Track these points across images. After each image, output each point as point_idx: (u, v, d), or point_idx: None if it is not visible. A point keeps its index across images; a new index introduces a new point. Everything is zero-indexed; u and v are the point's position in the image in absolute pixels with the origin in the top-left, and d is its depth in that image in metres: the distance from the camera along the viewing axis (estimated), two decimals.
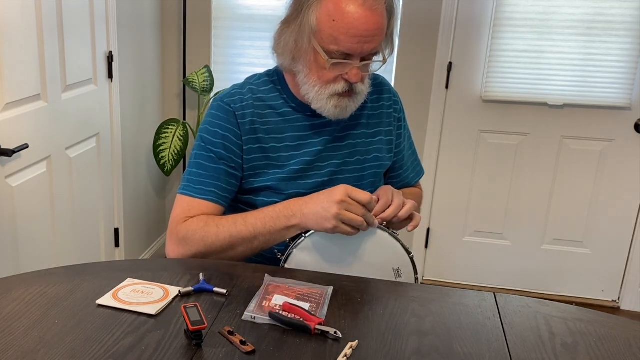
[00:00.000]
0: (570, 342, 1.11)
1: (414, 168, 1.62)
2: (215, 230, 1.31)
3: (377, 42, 1.27)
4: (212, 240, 1.31)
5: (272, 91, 1.41)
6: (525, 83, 2.92)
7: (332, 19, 1.24)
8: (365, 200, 1.24)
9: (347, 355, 1.02)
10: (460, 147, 3.07)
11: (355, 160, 1.44)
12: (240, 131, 1.36)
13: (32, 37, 2.02)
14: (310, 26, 1.26)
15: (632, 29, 2.78)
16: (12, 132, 1.94)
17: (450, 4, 2.88)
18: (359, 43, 1.24)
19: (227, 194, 1.38)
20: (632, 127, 2.90)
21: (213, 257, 1.34)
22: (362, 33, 1.24)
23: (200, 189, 1.36)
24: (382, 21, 1.26)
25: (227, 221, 1.31)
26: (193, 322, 1.02)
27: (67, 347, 1.00)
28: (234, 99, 1.38)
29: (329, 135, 1.41)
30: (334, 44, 1.25)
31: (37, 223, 2.15)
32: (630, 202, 3.01)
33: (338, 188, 1.25)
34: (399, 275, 1.36)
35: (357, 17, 1.22)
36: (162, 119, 3.17)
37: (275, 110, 1.40)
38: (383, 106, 1.50)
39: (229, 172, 1.37)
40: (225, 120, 1.36)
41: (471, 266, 3.24)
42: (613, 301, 3.16)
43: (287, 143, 1.39)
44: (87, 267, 1.30)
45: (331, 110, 1.32)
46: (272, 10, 3.01)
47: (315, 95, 1.32)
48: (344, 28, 1.23)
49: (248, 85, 1.42)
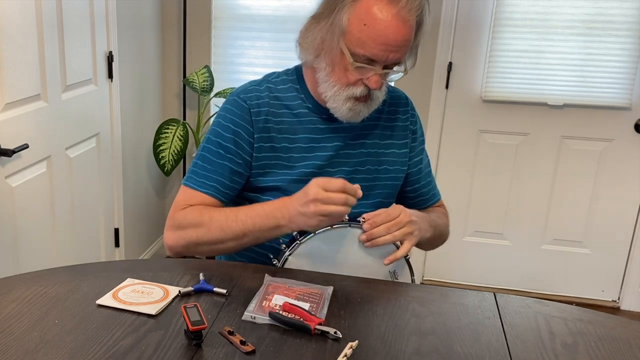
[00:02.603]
0: (570, 342, 1.11)
1: (431, 187, 1.58)
2: (208, 222, 1.31)
3: (402, 53, 1.27)
4: (203, 231, 1.31)
5: (290, 90, 1.41)
6: (525, 83, 2.92)
7: (364, 23, 1.23)
8: (340, 187, 1.21)
9: (347, 355, 1.02)
10: (460, 147, 3.07)
11: (366, 169, 1.43)
12: (253, 128, 1.36)
13: (32, 37, 2.02)
14: (341, 26, 1.25)
15: (632, 29, 2.78)
16: (12, 132, 1.94)
17: (450, 4, 2.88)
18: (385, 51, 1.24)
19: (228, 191, 1.37)
20: (632, 127, 2.90)
21: (204, 248, 1.34)
22: (390, 42, 1.24)
23: (203, 182, 1.36)
24: (411, 32, 1.26)
25: (220, 215, 1.31)
26: (193, 322, 1.02)
27: (67, 347, 1.00)
28: (250, 95, 1.38)
29: (341, 141, 1.41)
30: (361, 47, 1.24)
31: (37, 223, 2.15)
32: (630, 202, 3.01)
33: (310, 185, 1.22)
34: (395, 277, 1.36)
35: (388, 26, 1.22)
36: (162, 119, 3.17)
37: (291, 110, 1.39)
38: (399, 119, 1.49)
39: (234, 170, 1.36)
40: (239, 116, 1.36)
41: (471, 266, 3.24)
42: (613, 301, 3.16)
43: (300, 144, 1.38)
44: (87, 267, 1.30)
45: (344, 112, 1.32)
46: (272, 10, 3.01)
47: (333, 95, 1.31)
48: (373, 34, 1.23)
49: (266, 82, 1.42)
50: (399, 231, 1.28)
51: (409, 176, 1.51)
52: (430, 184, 1.56)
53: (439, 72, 2.97)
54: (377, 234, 1.27)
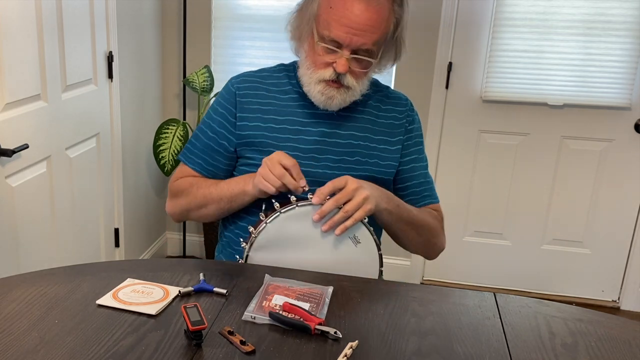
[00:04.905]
0: (570, 342, 1.11)
1: (425, 188, 1.55)
2: (195, 190, 1.46)
3: (367, 38, 1.32)
4: (191, 197, 1.47)
5: (284, 77, 1.50)
6: (525, 83, 2.92)
7: (330, 5, 1.32)
8: (288, 165, 1.29)
9: (347, 355, 1.02)
10: (460, 147, 3.07)
11: (354, 160, 1.45)
12: (236, 109, 1.46)
13: (32, 37, 2.02)
14: (313, 10, 1.35)
15: (632, 29, 2.78)
16: (12, 132, 1.94)
17: (450, 4, 2.88)
18: (348, 34, 1.31)
19: (211, 168, 1.49)
20: (632, 127, 2.90)
21: (194, 214, 1.50)
22: (352, 24, 1.30)
23: (192, 158, 1.51)
24: (377, 18, 1.31)
25: (206, 183, 1.46)
26: (193, 322, 1.02)
27: (67, 347, 1.00)
28: (239, 79, 1.51)
29: (327, 128, 1.44)
30: (327, 29, 1.32)
31: (37, 223, 2.16)
32: (630, 202, 3.01)
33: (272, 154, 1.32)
34: (357, 241, 1.34)
35: (351, 8, 1.30)
36: (162, 119, 3.17)
37: (281, 94, 1.47)
38: (395, 117, 1.51)
39: (215, 149, 1.48)
40: (226, 99, 1.49)
41: (471, 266, 3.24)
42: (613, 301, 3.16)
43: (286, 126, 1.44)
44: (87, 267, 1.30)
45: (317, 96, 1.39)
46: (272, 10, 3.01)
47: (307, 78, 1.39)
48: (336, 15, 1.31)
49: (262, 71, 1.53)
50: (350, 204, 1.28)
51: (400, 173, 1.51)
52: (423, 184, 1.54)
53: (439, 72, 2.97)
54: (327, 210, 1.28)
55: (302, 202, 1.30)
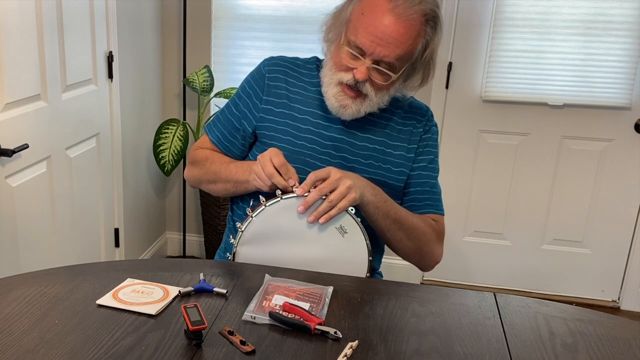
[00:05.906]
0: (570, 342, 1.11)
1: (429, 197, 1.53)
2: (209, 165, 1.51)
3: (391, 51, 1.32)
4: (204, 171, 1.51)
5: (314, 70, 1.52)
6: (525, 83, 2.92)
7: (362, 12, 1.33)
8: (278, 163, 1.31)
9: (347, 355, 1.02)
10: (460, 147, 3.07)
11: (368, 163, 1.46)
12: (263, 93, 1.48)
13: (32, 37, 2.02)
14: (346, 16, 1.37)
15: (632, 29, 2.78)
16: (12, 132, 1.94)
17: (450, 4, 2.88)
18: (373, 42, 1.31)
19: (227, 144, 1.53)
20: (632, 127, 2.90)
21: (205, 186, 1.54)
22: (378, 34, 1.30)
23: (213, 130, 1.55)
24: (404, 33, 1.31)
25: (220, 160, 1.50)
26: (193, 322, 1.02)
27: (67, 347, 1.00)
28: (272, 62, 1.52)
29: (347, 128, 1.46)
30: (354, 34, 1.33)
31: (37, 223, 2.15)
32: (630, 202, 3.01)
33: (267, 150, 1.34)
34: (344, 232, 1.33)
35: (381, 19, 1.30)
36: (162, 119, 3.17)
37: (310, 85, 1.49)
38: (414, 125, 1.51)
39: (236, 127, 1.51)
40: (256, 80, 1.51)
41: (471, 266, 3.24)
42: (613, 301, 3.16)
43: (308, 117, 1.46)
44: (87, 267, 1.30)
45: (331, 100, 1.40)
46: (272, 10, 3.01)
47: (327, 79, 1.41)
48: (366, 23, 1.31)
49: (297, 59, 1.55)
50: (334, 194, 1.27)
51: (407, 178, 1.51)
52: (428, 193, 1.52)
53: (439, 72, 2.96)
54: (311, 200, 1.28)
55: (286, 195, 1.31)
